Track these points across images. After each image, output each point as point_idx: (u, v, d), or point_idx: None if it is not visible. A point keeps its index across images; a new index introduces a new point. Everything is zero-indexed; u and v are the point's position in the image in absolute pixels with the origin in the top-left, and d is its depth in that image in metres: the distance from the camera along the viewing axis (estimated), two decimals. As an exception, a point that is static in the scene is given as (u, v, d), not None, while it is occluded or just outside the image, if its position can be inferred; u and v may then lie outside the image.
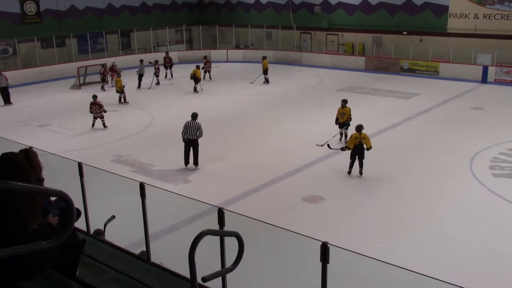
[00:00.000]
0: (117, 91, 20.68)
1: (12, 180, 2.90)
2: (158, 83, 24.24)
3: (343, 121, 14.63)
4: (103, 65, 24.24)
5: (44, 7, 28.36)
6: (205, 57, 26.16)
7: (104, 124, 17.10)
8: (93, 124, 17.16)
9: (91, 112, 17.00)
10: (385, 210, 10.45)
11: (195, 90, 22.52)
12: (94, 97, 17.24)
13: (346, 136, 14.40)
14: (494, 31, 24.51)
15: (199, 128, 12.55)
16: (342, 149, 12.69)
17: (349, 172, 12.32)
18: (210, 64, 25.94)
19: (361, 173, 12.21)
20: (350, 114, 14.65)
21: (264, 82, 24.25)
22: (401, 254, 8.34)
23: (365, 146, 12.07)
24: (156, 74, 24.06)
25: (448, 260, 8.41)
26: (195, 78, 22.32)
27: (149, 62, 24.61)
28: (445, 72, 25.20)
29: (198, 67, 22.77)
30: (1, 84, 20.88)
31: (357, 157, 12.13)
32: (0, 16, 26.51)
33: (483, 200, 10.93)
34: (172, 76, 26.11)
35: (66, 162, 6.57)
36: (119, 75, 21.55)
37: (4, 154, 3.27)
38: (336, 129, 14.88)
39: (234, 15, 35.10)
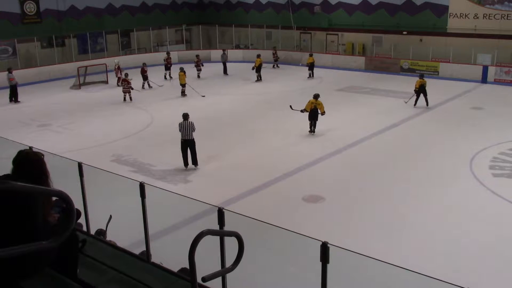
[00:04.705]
0: (180, 84, 22.12)
1: (34, 177, 2.96)
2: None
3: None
4: (144, 64, 24.03)
5: (44, 7, 28.33)
6: (144, 63, 24.25)
7: (131, 98, 20.80)
8: (124, 98, 20.81)
9: (122, 85, 20.91)
10: (385, 210, 10.45)
11: (311, 76, 25.97)
12: (126, 74, 21.13)
13: None
14: (494, 31, 24.48)
15: (192, 126, 12.75)
16: (302, 111, 15.60)
17: (310, 131, 15.58)
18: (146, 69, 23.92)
19: (314, 131, 15.54)
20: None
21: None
22: (401, 254, 8.34)
23: (319, 111, 15.36)
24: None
25: (448, 260, 8.40)
26: (311, 66, 25.87)
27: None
28: (445, 72, 25.20)
29: (311, 55, 26.46)
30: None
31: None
32: (0, 16, 26.50)
33: (483, 200, 10.92)
34: (171, 77, 26.04)
35: (66, 162, 6.57)
36: (182, 71, 22.80)
37: (25, 152, 3.27)
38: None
39: (234, 15, 35.08)
